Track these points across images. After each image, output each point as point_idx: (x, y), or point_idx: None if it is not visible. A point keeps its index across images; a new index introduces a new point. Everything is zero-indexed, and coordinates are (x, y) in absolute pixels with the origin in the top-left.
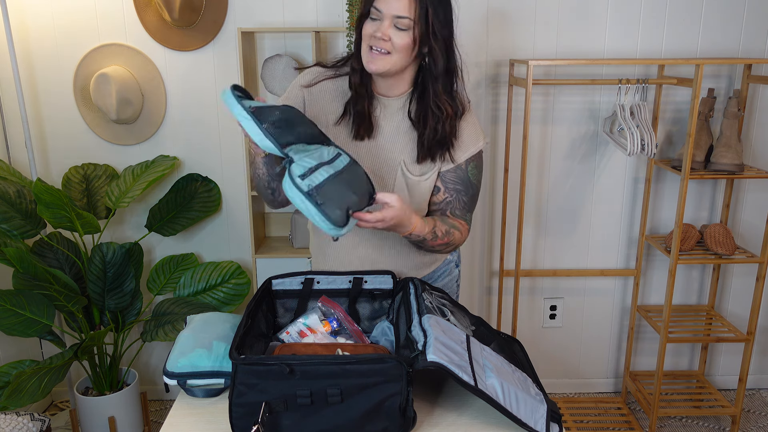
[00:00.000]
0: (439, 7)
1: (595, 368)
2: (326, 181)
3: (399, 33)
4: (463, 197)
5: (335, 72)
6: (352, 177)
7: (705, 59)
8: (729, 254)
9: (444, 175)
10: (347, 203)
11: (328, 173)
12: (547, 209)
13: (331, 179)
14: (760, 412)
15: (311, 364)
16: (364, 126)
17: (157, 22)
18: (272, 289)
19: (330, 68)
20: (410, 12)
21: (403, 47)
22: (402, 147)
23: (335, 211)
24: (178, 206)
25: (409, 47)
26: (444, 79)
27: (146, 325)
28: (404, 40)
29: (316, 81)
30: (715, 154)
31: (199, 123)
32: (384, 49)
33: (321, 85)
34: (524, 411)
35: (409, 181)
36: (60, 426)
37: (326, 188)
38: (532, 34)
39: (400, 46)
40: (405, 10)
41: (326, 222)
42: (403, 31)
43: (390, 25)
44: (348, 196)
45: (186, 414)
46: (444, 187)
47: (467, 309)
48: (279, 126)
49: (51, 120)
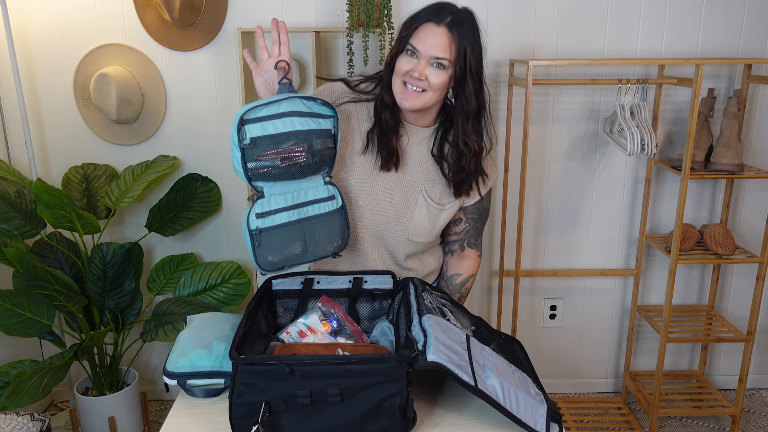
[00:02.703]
0: (475, 44)
1: (595, 368)
2: (277, 228)
3: (436, 72)
4: (479, 224)
5: (359, 95)
6: (315, 228)
7: (705, 59)
8: (729, 254)
9: (466, 208)
10: (285, 255)
11: (286, 220)
12: (547, 209)
13: (284, 227)
14: (760, 412)
15: (311, 364)
16: (393, 160)
17: (157, 22)
18: (272, 289)
19: (354, 88)
20: (449, 53)
21: (440, 86)
22: (425, 176)
23: (267, 258)
24: (178, 206)
25: (446, 86)
26: (474, 117)
27: (146, 325)
28: (441, 79)
29: (338, 102)
30: (715, 154)
31: (199, 123)
32: (420, 88)
33: (345, 107)
34: (524, 411)
35: (430, 209)
36: (60, 426)
37: (273, 235)
38: (532, 34)
39: (436, 85)
40: (444, 51)
41: (254, 263)
42: (441, 70)
43: (427, 64)
44: (291, 249)
45: (186, 414)
46: (465, 218)
47: (467, 309)
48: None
49: (51, 120)
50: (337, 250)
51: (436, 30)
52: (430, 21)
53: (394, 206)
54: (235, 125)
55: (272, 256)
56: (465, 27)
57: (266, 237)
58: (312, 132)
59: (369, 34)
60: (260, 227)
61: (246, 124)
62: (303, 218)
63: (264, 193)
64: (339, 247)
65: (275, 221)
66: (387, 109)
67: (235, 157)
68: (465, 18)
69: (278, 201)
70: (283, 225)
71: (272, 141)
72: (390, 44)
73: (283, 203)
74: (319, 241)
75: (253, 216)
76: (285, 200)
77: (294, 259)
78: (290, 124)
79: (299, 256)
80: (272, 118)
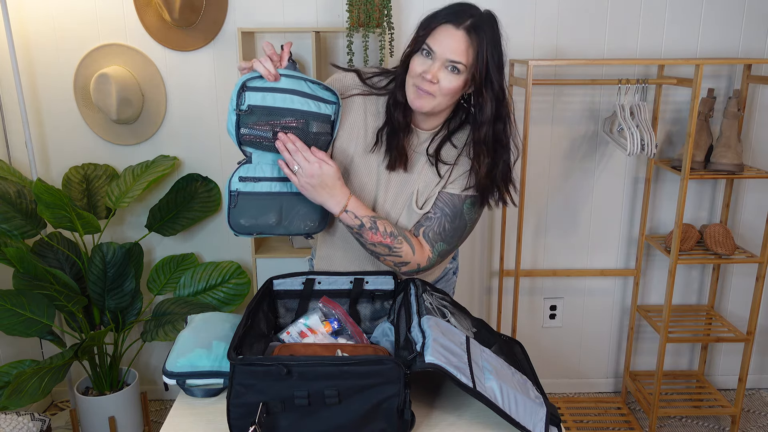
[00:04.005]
0: (495, 52)
1: (595, 368)
2: (257, 195)
3: (449, 76)
4: (446, 224)
5: (371, 89)
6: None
7: (705, 59)
8: (729, 254)
9: (441, 195)
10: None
11: (268, 189)
12: (547, 209)
13: (263, 195)
14: (759, 412)
15: (308, 365)
16: (402, 160)
17: (157, 22)
18: (273, 289)
19: (366, 81)
20: (466, 58)
21: (451, 91)
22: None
23: (240, 220)
24: (178, 206)
25: (457, 91)
26: (489, 127)
27: (146, 325)
28: (453, 84)
29: (348, 93)
30: (715, 154)
31: (199, 123)
32: (429, 92)
33: (354, 99)
34: (523, 414)
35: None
36: (60, 426)
37: (250, 200)
38: (532, 34)
39: (447, 89)
40: (461, 55)
41: (227, 221)
42: (455, 74)
43: (441, 67)
44: (265, 218)
45: (186, 414)
46: (433, 203)
47: (468, 311)
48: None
49: (51, 120)
50: (311, 231)
51: (454, 33)
52: (449, 23)
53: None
54: (236, 90)
55: (245, 219)
56: (485, 32)
57: (243, 201)
58: (310, 114)
59: (369, 34)
60: (240, 190)
61: (247, 90)
62: (284, 192)
63: (251, 159)
64: (313, 228)
65: (256, 188)
66: (399, 107)
67: (230, 120)
68: (486, 22)
69: (264, 170)
70: (262, 193)
71: (268, 113)
72: (390, 44)
73: (269, 173)
74: (295, 218)
75: (236, 178)
76: (271, 170)
77: (266, 229)
78: (290, 102)
79: (271, 227)
80: (274, 90)
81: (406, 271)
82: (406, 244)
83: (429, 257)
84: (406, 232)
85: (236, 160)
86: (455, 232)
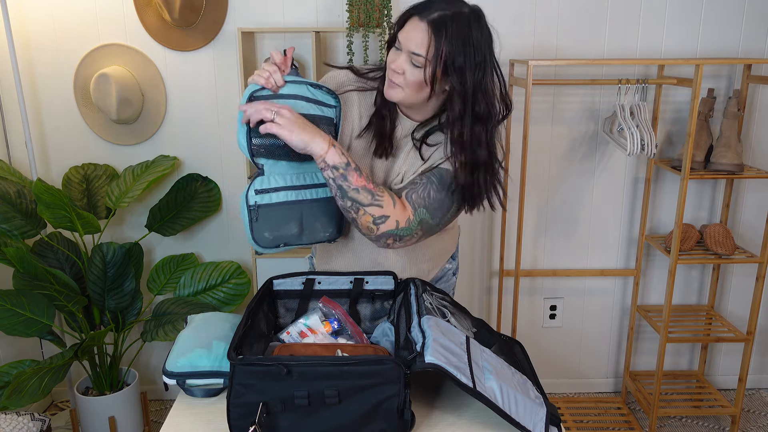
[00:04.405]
0: (461, 50)
1: (595, 368)
2: (276, 206)
3: (412, 69)
4: (432, 191)
5: (364, 84)
6: (313, 211)
7: (705, 59)
8: (729, 254)
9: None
10: (283, 234)
11: (284, 199)
12: (547, 209)
13: (282, 205)
14: (759, 412)
15: (308, 365)
16: (383, 146)
17: (157, 22)
18: (273, 289)
19: (361, 77)
20: (424, 50)
21: (413, 84)
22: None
23: (263, 234)
24: (178, 206)
25: (420, 84)
26: (462, 126)
27: (146, 325)
28: (415, 77)
29: (343, 89)
30: (715, 154)
31: (199, 123)
32: (396, 83)
33: (349, 95)
34: (523, 414)
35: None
36: (60, 426)
37: (271, 211)
38: (532, 34)
39: (410, 82)
40: (420, 47)
41: (250, 238)
42: (417, 68)
43: (407, 59)
44: (287, 228)
45: (186, 414)
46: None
47: (468, 311)
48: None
49: (51, 120)
50: (332, 237)
51: (417, 25)
52: (416, 15)
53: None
54: (245, 101)
55: (269, 232)
56: (451, 26)
57: (264, 213)
58: (315, 117)
59: (369, 34)
60: (258, 203)
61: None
62: (301, 200)
63: (264, 171)
64: (333, 235)
65: (273, 199)
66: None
67: (240, 132)
68: (458, 17)
69: (277, 180)
70: (280, 203)
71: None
72: None
73: (282, 183)
74: (316, 226)
75: (252, 192)
76: (284, 180)
77: (289, 239)
78: (296, 107)
79: (295, 236)
80: (280, 98)
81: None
82: (387, 194)
83: (410, 218)
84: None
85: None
86: (440, 204)
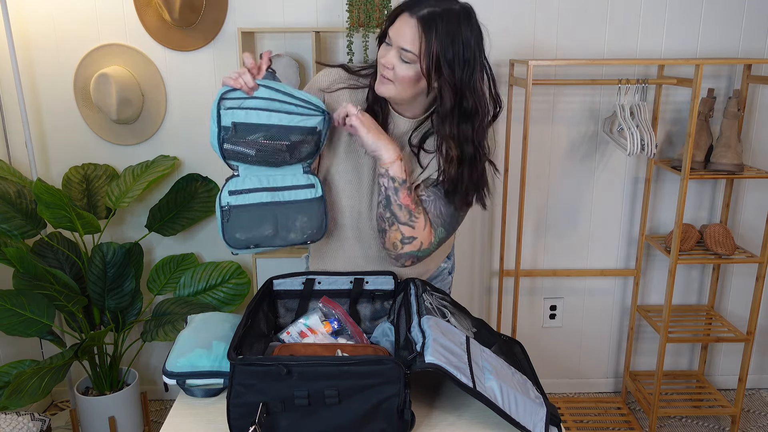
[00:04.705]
0: (451, 47)
1: (595, 368)
2: (249, 207)
3: (402, 65)
4: (441, 206)
5: (356, 82)
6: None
7: (705, 59)
8: (729, 254)
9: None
10: (255, 235)
11: (258, 200)
12: (547, 209)
13: (255, 207)
14: (759, 412)
15: (308, 365)
16: None
17: (157, 22)
18: (273, 289)
19: (353, 74)
20: (414, 46)
21: (404, 79)
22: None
23: (235, 234)
24: (178, 206)
25: (411, 80)
26: (452, 123)
27: (146, 325)
28: (406, 73)
29: (335, 87)
30: (715, 154)
31: (199, 123)
32: (388, 78)
33: (341, 92)
34: (523, 414)
35: None
36: (60, 426)
37: (243, 212)
38: (532, 34)
39: (401, 77)
40: (409, 43)
41: (222, 239)
42: (406, 63)
43: (396, 54)
44: (261, 229)
45: (186, 414)
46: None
47: (468, 311)
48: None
49: (51, 120)
50: (312, 239)
51: (407, 21)
52: (406, 11)
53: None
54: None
55: (240, 233)
56: (441, 23)
57: (236, 214)
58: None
59: (369, 34)
60: (231, 204)
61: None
62: (277, 201)
63: (239, 172)
64: (312, 236)
65: (247, 200)
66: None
67: (212, 132)
68: (447, 14)
69: (252, 181)
70: (254, 205)
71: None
72: None
73: (257, 184)
74: (292, 228)
75: (225, 193)
76: (260, 181)
77: (263, 240)
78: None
79: (268, 238)
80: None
81: (408, 251)
82: (423, 216)
83: (431, 241)
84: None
85: None
86: (452, 218)
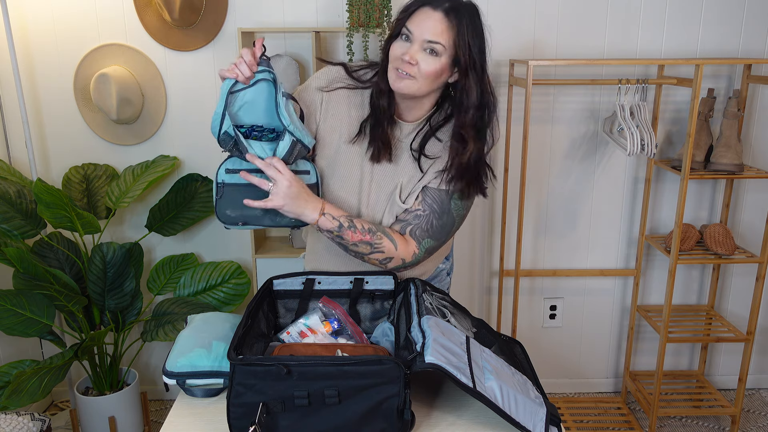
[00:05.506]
0: (476, 36)
1: (595, 368)
2: (241, 186)
3: (428, 58)
4: (434, 221)
5: (356, 82)
6: None
7: (705, 59)
8: (729, 254)
9: (429, 190)
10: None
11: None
12: (547, 209)
13: (247, 187)
14: (759, 412)
15: (308, 365)
16: (387, 150)
17: (157, 22)
18: (273, 289)
19: (352, 74)
20: (444, 38)
21: (430, 74)
22: (404, 172)
23: (226, 211)
24: (178, 206)
25: (437, 74)
26: (475, 112)
27: (146, 325)
28: (432, 67)
29: (333, 87)
30: (715, 154)
31: (199, 123)
32: (409, 74)
33: (339, 92)
34: (523, 414)
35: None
36: (60, 426)
37: (235, 191)
38: (532, 34)
39: (426, 72)
40: (439, 35)
41: (216, 213)
42: (434, 57)
43: (420, 49)
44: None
45: (186, 414)
46: (422, 198)
47: (468, 311)
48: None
49: (51, 120)
50: (299, 224)
51: (432, 14)
52: (427, 5)
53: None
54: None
55: (231, 210)
56: (464, 14)
57: (229, 191)
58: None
59: (369, 34)
60: (226, 182)
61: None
62: None
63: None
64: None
65: (242, 180)
66: (383, 96)
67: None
68: (465, 7)
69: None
70: (247, 185)
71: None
72: None
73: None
74: None
75: (222, 170)
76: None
77: (252, 219)
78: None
79: (257, 217)
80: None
81: (393, 267)
82: (386, 238)
83: (415, 253)
84: (386, 229)
85: None
86: (443, 228)
